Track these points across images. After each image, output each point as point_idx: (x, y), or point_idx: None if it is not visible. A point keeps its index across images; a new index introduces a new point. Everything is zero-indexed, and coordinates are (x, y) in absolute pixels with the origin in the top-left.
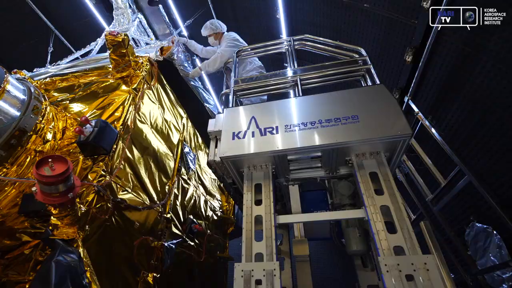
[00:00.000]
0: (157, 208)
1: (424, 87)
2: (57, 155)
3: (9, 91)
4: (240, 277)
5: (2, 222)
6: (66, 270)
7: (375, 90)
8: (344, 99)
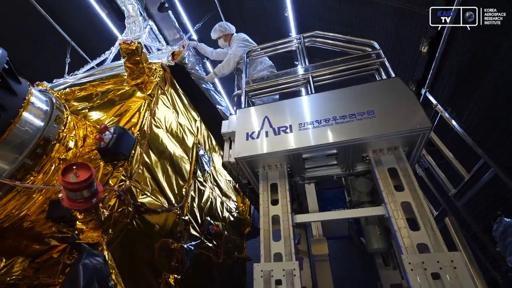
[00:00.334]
0: (175, 210)
1: (442, 78)
2: (81, 162)
3: (33, 103)
4: (259, 277)
5: (32, 227)
6: (93, 272)
7: (391, 84)
8: (358, 95)
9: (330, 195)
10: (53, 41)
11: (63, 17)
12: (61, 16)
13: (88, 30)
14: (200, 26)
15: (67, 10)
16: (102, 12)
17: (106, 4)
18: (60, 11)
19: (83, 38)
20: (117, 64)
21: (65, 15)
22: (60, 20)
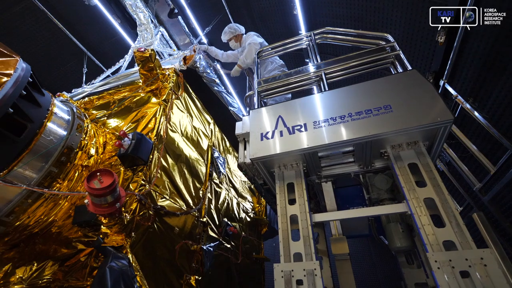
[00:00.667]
0: (193, 213)
1: (462, 68)
2: (104, 169)
3: (56, 113)
4: (280, 277)
5: (59, 232)
6: (119, 275)
7: (407, 76)
8: (374, 89)
9: (348, 193)
10: (69, 52)
11: (79, 29)
12: (77, 27)
13: (102, 40)
14: (209, 30)
15: (82, 22)
16: (115, 21)
17: (119, 14)
18: (76, 23)
19: (98, 48)
20: (132, 71)
21: (80, 27)
22: (76, 31)
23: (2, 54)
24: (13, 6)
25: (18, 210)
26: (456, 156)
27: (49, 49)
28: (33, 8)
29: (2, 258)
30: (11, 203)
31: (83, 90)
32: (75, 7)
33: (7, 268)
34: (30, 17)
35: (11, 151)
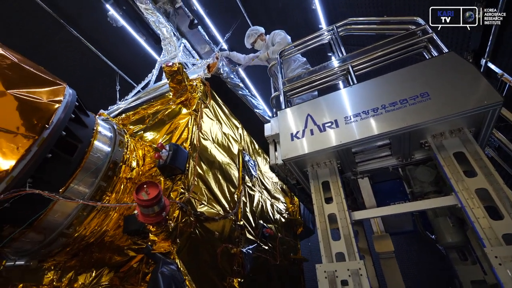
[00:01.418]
0: (230, 217)
1: (506, 43)
2: (150, 181)
3: (100, 132)
4: (323, 278)
5: (112, 241)
6: (170, 279)
7: (444, 60)
8: (407, 77)
9: (387, 188)
10: (102, 73)
11: (109, 50)
12: (107, 48)
13: (131, 57)
14: (229, 35)
15: (112, 43)
16: (141, 39)
17: (143, 31)
18: (106, 44)
19: (128, 65)
20: (160, 84)
21: (110, 48)
22: (107, 52)
23: (51, 82)
24: (53, 36)
25: (76, 222)
26: (506, 140)
27: (83, 71)
28: (69, 36)
29: (65, 267)
30: (70, 216)
31: (118, 107)
32: (104, 30)
33: (70, 275)
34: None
35: (67, 170)
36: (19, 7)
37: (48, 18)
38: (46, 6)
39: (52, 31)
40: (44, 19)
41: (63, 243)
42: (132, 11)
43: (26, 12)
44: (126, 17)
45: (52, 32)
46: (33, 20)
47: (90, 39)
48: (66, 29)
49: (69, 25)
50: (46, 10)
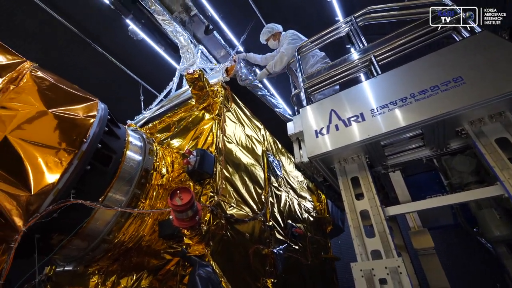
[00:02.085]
0: (259, 218)
1: None
2: (182, 187)
3: (131, 142)
4: (360, 277)
5: (149, 245)
6: (207, 281)
7: (477, 40)
8: (437, 63)
9: (422, 180)
10: (126, 85)
11: (131, 63)
12: (129, 62)
13: (152, 68)
14: (245, 37)
15: (133, 55)
16: (160, 49)
17: (162, 42)
18: (128, 58)
19: (149, 76)
20: (181, 91)
21: (132, 60)
22: (129, 65)
23: (84, 99)
24: (81, 54)
25: (115, 229)
26: None
27: (109, 84)
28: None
29: (108, 271)
30: (110, 223)
31: (144, 116)
32: (126, 44)
33: (113, 279)
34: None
35: (104, 180)
36: (50, 29)
37: (76, 37)
38: (73, 27)
39: (80, 49)
40: (72, 39)
41: (105, 249)
42: (150, 24)
43: (57, 33)
44: (145, 29)
45: (79, 51)
46: (63, 41)
47: (113, 54)
48: (92, 47)
49: (94, 42)
50: (74, 31)
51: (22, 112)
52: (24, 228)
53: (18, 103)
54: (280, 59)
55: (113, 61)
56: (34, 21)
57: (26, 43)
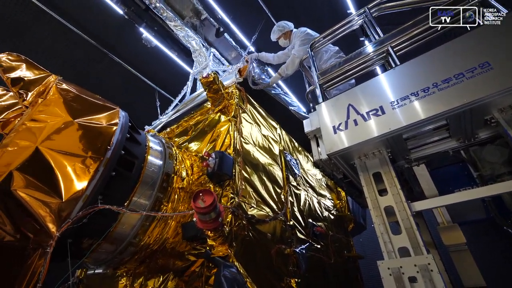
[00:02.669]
0: (280, 217)
1: None
2: (205, 189)
3: (151, 147)
4: (388, 275)
5: (173, 247)
6: (233, 282)
7: (503, 23)
8: (459, 50)
9: (448, 173)
10: (142, 91)
11: (146, 69)
12: (144, 68)
13: (166, 73)
14: (256, 37)
15: (148, 63)
16: (173, 54)
17: (175, 47)
18: (143, 65)
19: (164, 81)
20: (195, 95)
21: (147, 67)
22: (144, 72)
23: (106, 107)
24: (98, 64)
25: (141, 232)
26: None
27: (126, 92)
28: (111, 62)
29: (135, 273)
30: (135, 227)
31: (161, 121)
32: (140, 52)
33: (141, 280)
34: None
35: (128, 185)
36: (69, 42)
37: (93, 49)
38: (90, 38)
39: (97, 60)
40: (89, 50)
41: (132, 252)
42: (163, 30)
43: (75, 45)
44: (158, 36)
45: (97, 61)
46: (80, 52)
47: (129, 62)
48: (109, 57)
49: (111, 52)
50: (91, 42)
51: (51, 123)
52: (58, 234)
53: (47, 115)
54: (292, 61)
55: (129, 69)
56: (53, 36)
57: (47, 58)
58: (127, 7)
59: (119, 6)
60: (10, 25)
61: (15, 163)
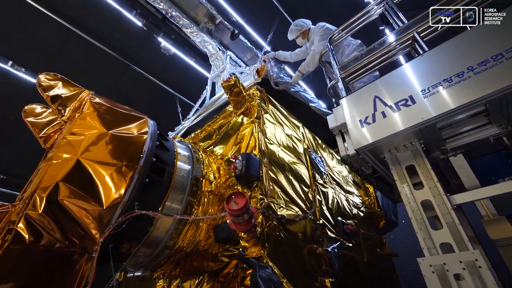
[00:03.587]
0: (309, 217)
1: None
2: (237, 191)
3: (179, 153)
4: (430, 273)
5: (206, 250)
6: (270, 282)
7: None
8: (496, 29)
9: (490, 163)
10: (163, 98)
11: (166, 77)
12: (164, 76)
13: (186, 80)
14: (271, 36)
15: (167, 70)
16: (190, 60)
17: (192, 53)
18: (163, 73)
19: (184, 87)
20: (215, 98)
21: (167, 75)
22: (165, 80)
23: (136, 117)
24: (121, 76)
25: (175, 235)
26: None
27: (149, 100)
28: (133, 73)
29: (171, 275)
30: (170, 230)
31: (183, 126)
32: (160, 61)
33: (177, 282)
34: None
35: (161, 191)
36: (94, 57)
37: (115, 61)
38: (112, 52)
39: (120, 71)
40: (112, 63)
41: (168, 254)
42: (180, 38)
43: (100, 60)
44: (176, 44)
45: (120, 73)
46: (104, 66)
47: (149, 71)
48: (131, 68)
49: (132, 64)
50: (113, 55)
51: (88, 136)
52: (102, 239)
53: (84, 128)
54: (312, 58)
55: (150, 78)
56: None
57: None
58: (145, 19)
59: (138, 19)
60: (44, 46)
61: (60, 174)
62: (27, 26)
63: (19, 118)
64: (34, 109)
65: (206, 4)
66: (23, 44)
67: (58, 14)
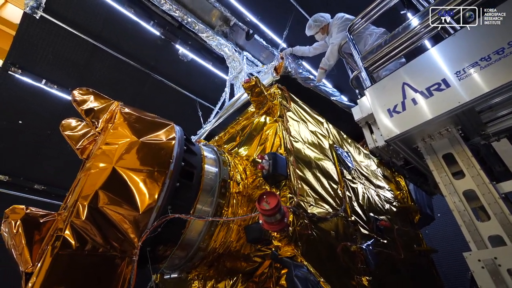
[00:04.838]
0: (340, 214)
1: None
2: (268, 191)
3: (206, 156)
4: (480, 268)
5: (238, 250)
6: (306, 281)
7: None
8: None
9: None
10: (184, 104)
11: (185, 83)
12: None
13: (204, 83)
14: (287, 33)
15: (186, 76)
16: (208, 64)
17: (209, 57)
18: (182, 79)
19: (203, 91)
20: (234, 100)
21: (186, 81)
22: (184, 85)
23: (163, 124)
24: (143, 85)
25: (207, 237)
26: None
27: (171, 106)
28: (154, 81)
29: (206, 276)
30: (202, 232)
31: (205, 130)
32: (179, 67)
33: (212, 283)
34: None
35: (191, 194)
36: (117, 69)
37: (137, 72)
38: (134, 62)
39: (142, 81)
40: (134, 73)
41: (201, 256)
42: (196, 43)
43: (123, 72)
44: (193, 50)
45: (142, 82)
46: (128, 76)
47: (170, 78)
48: (152, 77)
49: (153, 72)
50: (135, 66)
51: (121, 145)
52: (140, 243)
53: (116, 137)
54: (331, 52)
55: (171, 85)
56: (105, 67)
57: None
58: (163, 28)
59: (156, 28)
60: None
61: (98, 183)
62: (56, 47)
63: (55, 132)
64: (70, 123)
65: (220, 7)
66: (54, 64)
67: (84, 32)
